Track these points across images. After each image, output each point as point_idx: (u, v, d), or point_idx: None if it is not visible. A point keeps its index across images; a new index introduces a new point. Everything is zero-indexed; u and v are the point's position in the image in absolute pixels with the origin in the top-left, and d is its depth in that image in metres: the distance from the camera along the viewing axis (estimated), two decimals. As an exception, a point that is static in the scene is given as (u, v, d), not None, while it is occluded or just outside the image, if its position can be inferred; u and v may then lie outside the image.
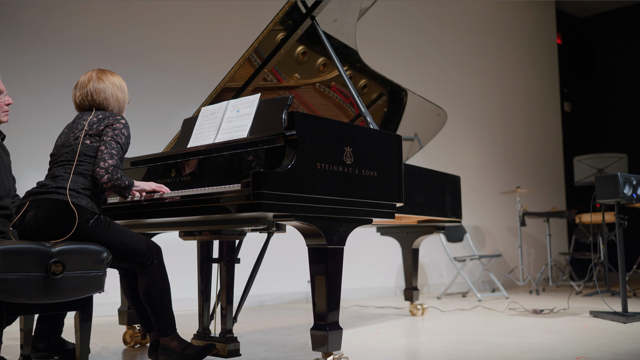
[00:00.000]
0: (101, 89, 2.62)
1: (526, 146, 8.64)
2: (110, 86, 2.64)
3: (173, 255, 3.98)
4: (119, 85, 2.68)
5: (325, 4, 3.13)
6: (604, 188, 4.23)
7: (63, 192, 2.38)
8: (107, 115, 2.56)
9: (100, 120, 2.54)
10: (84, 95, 2.63)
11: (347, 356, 2.56)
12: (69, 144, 2.54)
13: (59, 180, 2.43)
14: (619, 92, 9.53)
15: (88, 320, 2.36)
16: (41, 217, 2.37)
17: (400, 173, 2.80)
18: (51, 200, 2.38)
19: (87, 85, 2.63)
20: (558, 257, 8.38)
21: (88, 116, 2.58)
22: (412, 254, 4.67)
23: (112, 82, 2.66)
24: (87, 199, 2.42)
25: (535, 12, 9.10)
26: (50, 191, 2.40)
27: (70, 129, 2.61)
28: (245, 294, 3.17)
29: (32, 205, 2.40)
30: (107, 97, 2.63)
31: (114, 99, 2.65)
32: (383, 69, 4.13)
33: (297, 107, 3.69)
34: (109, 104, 2.64)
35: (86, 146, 2.49)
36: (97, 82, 2.63)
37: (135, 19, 5.39)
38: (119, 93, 2.68)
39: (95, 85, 2.62)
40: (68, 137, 2.57)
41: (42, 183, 2.47)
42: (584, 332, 3.68)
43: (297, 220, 2.38)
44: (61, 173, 2.46)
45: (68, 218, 2.36)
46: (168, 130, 4.37)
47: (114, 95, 2.65)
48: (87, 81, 2.64)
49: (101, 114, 2.58)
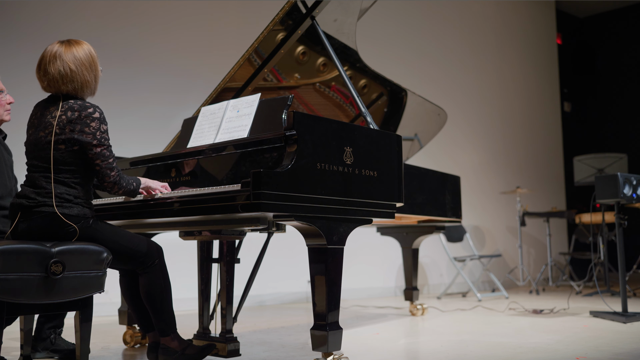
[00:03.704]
0: (69, 77, 2.38)
1: (526, 146, 8.64)
2: (79, 72, 2.38)
3: (173, 255, 3.97)
4: (88, 65, 2.42)
5: (325, 4, 3.13)
6: (604, 188, 4.23)
7: (51, 203, 2.31)
8: (77, 112, 2.35)
9: (71, 121, 2.34)
10: (50, 81, 2.39)
11: (347, 356, 2.56)
12: (41, 145, 2.37)
13: (43, 193, 2.33)
14: (619, 92, 9.53)
15: (88, 320, 2.35)
16: (34, 230, 2.32)
17: (400, 173, 2.80)
18: (42, 214, 2.31)
19: (52, 70, 2.37)
20: (558, 257, 8.38)
21: (56, 110, 2.38)
22: (412, 254, 4.67)
23: (80, 63, 2.39)
24: (78, 207, 2.36)
25: (535, 12, 9.10)
26: (40, 204, 2.31)
27: (38, 120, 2.43)
28: (245, 294, 3.17)
29: (23, 217, 2.34)
30: (75, 87, 2.40)
31: (85, 86, 2.43)
32: (383, 69, 4.13)
33: (297, 107, 3.69)
34: (78, 92, 2.42)
35: (61, 152, 2.34)
36: (65, 67, 2.37)
37: (135, 19, 5.39)
38: (89, 75, 2.42)
39: (63, 72, 2.37)
40: (38, 135, 2.40)
41: (27, 194, 2.35)
42: (584, 332, 3.68)
43: (297, 220, 2.38)
44: (43, 184, 2.34)
45: (60, 229, 2.32)
46: (168, 130, 4.37)
47: (84, 82, 2.41)
48: (51, 64, 2.37)
49: (68, 107, 2.36)
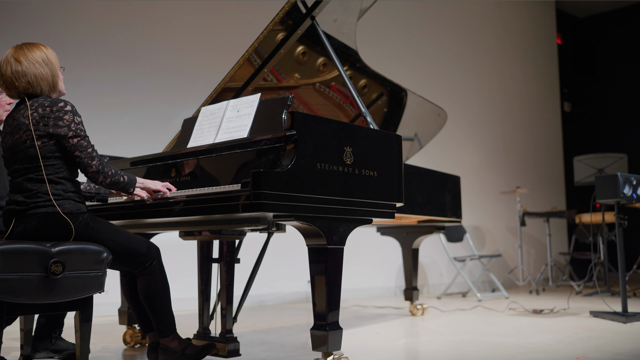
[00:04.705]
0: (21, 72, 2.33)
1: (526, 146, 8.64)
2: (30, 66, 2.33)
3: (173, 255, 3.98)
4: (41, 61, 2.36)
5: (325, 4, 3.13)
6: (604, 188, 4.23)
7: (41, 203, 2.29)
8: (49, 107, 2.31)
9: (43, 117, 2.30)
10: (7, 82, 2.36)
11: (347, 356, 2.56)
12: (19, 147, 2.33)
13: (32, 194, 2.30)
14: (619, 92, 9.52)
15: (88, 320, 2.35)
16: (31, 233, 2.31)
17: (400, 173, 2.80)
18: (36, 215, 2.30)
19: (6, 71, 2.34)
20: (558, 257, 8.38)
21: (26, 110, 2.32)
22: (412, 254, 4.67)
23: (31, 59, 2.34)
24: (69, 202, 2.34)
25: (535, 12, 9.10)
26: (31, 206, 2.30)
27: (11, 127, 2.38)
28: (245, 294, 3.17)
29: (18, 222, 2.33)
30: (30, 81, 2.34)
31: (40, 79, 2.35)
32: (383, 69, 4.13)
33: (297, 107, 3.69)
34: (36, 88, 2.36)
35: (40, 148, 2.30)
36: (15, 64, 2.33)
37: (135, 19, 5.39)
38: (43, 69, 2.36)
39: (14, 69, 2.33)
40: (14, 139, 2.35)
41: (14, 200, 2.33)
42: (584, 332, 3.68)
43: (297, 220, 2.38)
44: (28, 186, 2.31)
45: (57, 228, 2.31)
46: (168, 130, 4.38)
47: (38, 75, 2.35)
48: (5, 66, 2.34)
49: (38, 104, 2.32)
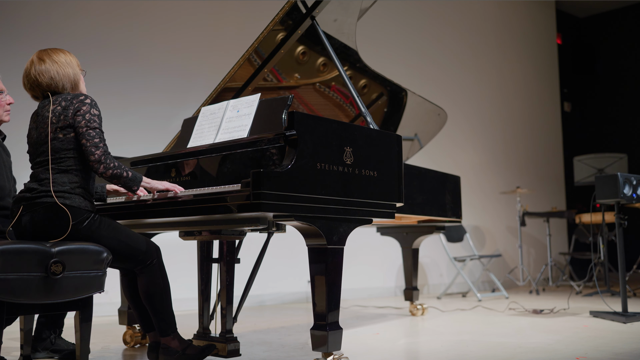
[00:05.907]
0: (44, 70, 2.45)
1: (526, 146, 8.64)
2: (53, 64, 2.46)
3: (173, 255, 3.98)
4: (64, 62, 2.49)
5: (325, 4, 3.13)
6: (604, 188, 4.23)
7: (51, 193, 2.33)
8: (70, 100, 2.41)
9: (65, 108, 2.40)
10: (32, 82, 2.48)
11: (347, 356, 2.56)
12: (41, 141, 2.43)
13: (46, 184, 2.36)
14: (619, 92, 9.53)
15: (88, 320, 2.35)
16: (38, 221, 2.34)
17: (400, 173, 2.80)
18: (44, 204, 2.34)
19: (30, 71, 2.47)
20: (558, 257, 8.38)
21: (49, 105, 2.43)
22: (412, 254, 4.67)
23: (54, 60, 2.47)
24: (79, 197, 2.38)
25: (535, 12, 9.10)
26: (42, 195, 2.34)
27: (36, 122, 2.49)
28: (245, 294, 3.17)
29: (26, 210, 2.36)
30: (52, 77, 2.46)
31: (62, 76, 2.48)
32: (383, 69, 4.13)
33: (297, 107, 3.69)
34: (58, 83, 2.47)
35: (60, 140, 2.39)
36: (39, 64, 2.46)
37: (135, 19, 5.39)
38: (65, 69, 2.49)
39: (38, 68, 2.46)
40: (38, 132, 2.46)
41: (30, 187, 2.39)
42: (584, 332, 3.68)
43: (297, 220, 2.38)
44: (46, 175, 2.37)
45: (62, 220, 2.33)
46: (168, 130, 4.37)
47: (61, 73, 2.47)
48: (29, 67, 2.48)
49: (62, 99, 2.43)
